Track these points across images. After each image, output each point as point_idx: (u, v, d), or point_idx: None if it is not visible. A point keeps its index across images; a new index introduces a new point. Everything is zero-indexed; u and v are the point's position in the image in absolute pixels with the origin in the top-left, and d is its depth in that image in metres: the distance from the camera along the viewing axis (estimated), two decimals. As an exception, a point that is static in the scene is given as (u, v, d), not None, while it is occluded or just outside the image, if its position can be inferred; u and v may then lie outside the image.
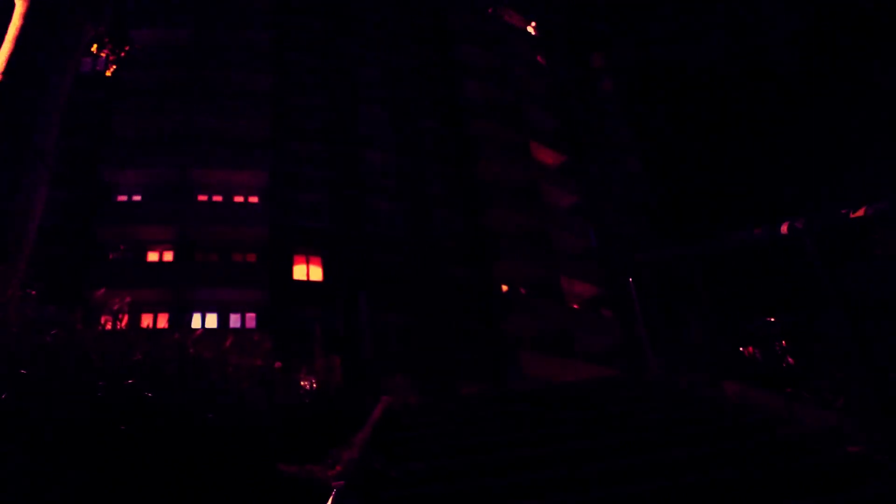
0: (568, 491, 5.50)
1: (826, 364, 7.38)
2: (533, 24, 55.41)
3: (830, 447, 5.88)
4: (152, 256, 35.67)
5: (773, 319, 10.95)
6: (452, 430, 7.84)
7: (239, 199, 38.14)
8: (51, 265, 31.25)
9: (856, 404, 6.24)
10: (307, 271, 36.23)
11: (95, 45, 9.30)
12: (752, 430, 6.71)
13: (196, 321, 33.24)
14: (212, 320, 33.69)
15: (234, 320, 33.92)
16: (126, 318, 7.69)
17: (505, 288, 39.78)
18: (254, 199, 38.16)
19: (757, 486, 5.34)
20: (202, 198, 37.70)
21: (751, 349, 10.89)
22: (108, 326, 7.38)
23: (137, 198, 37.00)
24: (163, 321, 32.54)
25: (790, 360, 10.09)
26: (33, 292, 6.65)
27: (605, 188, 50.90)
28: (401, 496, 5.64)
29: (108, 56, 9.58)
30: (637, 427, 7.20)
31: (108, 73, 10.59)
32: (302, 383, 9.11)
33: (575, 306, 42.43)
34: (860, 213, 6.38)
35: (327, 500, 4.56)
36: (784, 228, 6.73)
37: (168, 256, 35.68)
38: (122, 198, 36.93)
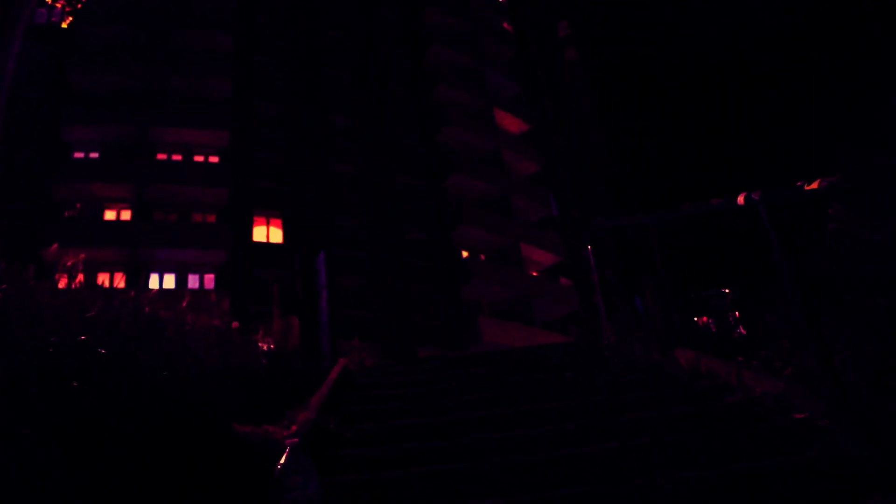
0: (518, 452, 5.59)
1: (775, 334, 7.54)
2: (500, -11, 55.07)
3: (777, 413, 6.02)
4: (109, 215, 35.18)
5: (726, 290, 11.14)
6: (406, 392, 7.91)
7: (199, 158, 37.69)
8: (5, 222, 30.72)
9: (802, 373, 6.39)
10: (267, 233, 36.06)
11: (50, -5, 9.07)
12: (701, 396, 6.84)
13: (154, 281, 32.97)
14: (170, 281, 33.43)
15: (193, 281, 33.68)
16: (81, 276, 7.61)
17: (465, 254, 39.94)
18: (214, 160, 37.75)
19: (703, 449, 5.46)
20: (162, 156, 37.19)
21: (704, 319, 11.08)
22: (62, 284, 7.30)
23: (95, 155, 36.38)
24: (119, 281, 32.11)
25: (742, 329, 10.29)
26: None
27: (567, 157, 51.08)
28: (352, 455, 5.70)
29: (63, 7, 9.34)
30: (589, 391, 7.32)
31: (63, 25, 10.34)
32: (260, 344, 9.08)
33: (534, 274, 42.73)
34: (814, 185, 6.46)
35: (281, 459, 4.59)
36: (741, 199, 6.82)
37: (126, 215, 35.22)
38: (80, 155, 36.27)
